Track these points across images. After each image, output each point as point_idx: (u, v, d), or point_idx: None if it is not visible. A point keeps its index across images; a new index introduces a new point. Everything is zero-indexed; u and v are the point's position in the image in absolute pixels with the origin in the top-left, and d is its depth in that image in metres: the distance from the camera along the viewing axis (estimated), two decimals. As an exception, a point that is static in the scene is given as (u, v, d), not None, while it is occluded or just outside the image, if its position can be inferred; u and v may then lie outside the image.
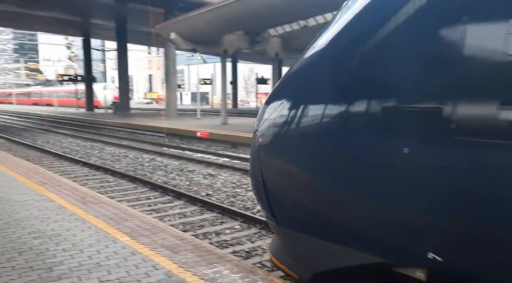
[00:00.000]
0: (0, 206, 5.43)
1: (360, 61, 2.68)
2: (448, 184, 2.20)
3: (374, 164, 2.54)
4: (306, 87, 3.06)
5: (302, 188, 3.05)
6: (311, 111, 2.94)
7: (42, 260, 3.66)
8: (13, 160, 9.56)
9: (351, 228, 2.78)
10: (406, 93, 2.37)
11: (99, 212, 5.22)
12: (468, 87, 2.14)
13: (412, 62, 2.37)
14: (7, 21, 35.93)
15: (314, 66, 3.07)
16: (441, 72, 2.24)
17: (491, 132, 2.01)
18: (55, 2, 25.86)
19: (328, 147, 2.83)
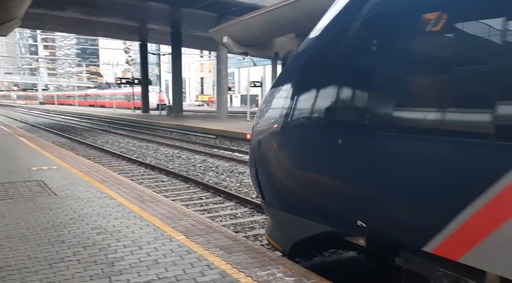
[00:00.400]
0: (66, 202, 5.79)
1: (310, 74, 3.68)
2: (369, 167, 2.99)
3: (322, 152, 3.44)
4: (280, 94, 4.02)
5: (279, 175, 3.95)
6: (281, 112, 3.90)
7: (105, 255, 3.86)
8: (76, 158, 10.15)
9: (314, 205, 3.64)
10: (339, 99, 3.27)
11: (155, 210, 5.43)
12: (378, 94, 2.99)
13: (342, 77, 3.29)
14: (72, 27, 38.27)
15: (284, 77, 4.11)
16: (359, 84, 3.14)
17: (396, 127, 2.80)
18: (116, 9, 27.21)
19: (292, 141, 3.77)
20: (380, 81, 2.99)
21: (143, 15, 30.37)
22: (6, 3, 13.71)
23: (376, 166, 2.94)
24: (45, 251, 3.94)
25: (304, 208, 3.77)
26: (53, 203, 5.70)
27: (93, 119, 36.21)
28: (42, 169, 8.39)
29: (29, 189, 6.58)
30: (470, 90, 2.42)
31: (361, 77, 3.13)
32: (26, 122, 32.60)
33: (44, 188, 6.63)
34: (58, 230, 4.57)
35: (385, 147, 2.87)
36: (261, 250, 4.07)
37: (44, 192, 6.35)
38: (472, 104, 2.40)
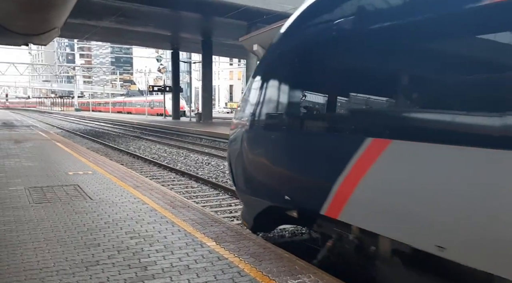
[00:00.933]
0: (101, 206, 5.95)
1: (262, 87, 4.84)
2: (285, 154, 4.33)
3: (263, 145, 4.73)
4: (247, 98, 5.21)
5: (244, 164, 5.10)
6: (244, 114, 5.13)
7: (138, 259, 3.94)
8: (110, 164, 10.43)
9: (262, 186, 4.85)
10: (274, 107, 4.55)
11: (186, 216, 5.50)
12: (286, 107, 4.35)
13: (270, 93, 4.64)
14: (107, 36, 39.50)
15: (249, 86, 5.23)
16: (276, 99, 4.52)
17: (299, 127, 4.16)
18: (149, 18, 27.94)
19: (247, 138, 4.99)
20: (286, 98, 4.40)
21: (175, 24, 31.04)
22: (48, 13, 14.34)
23: (288, 153, 4.37)
24: (82, 253, 4.07)
25: (258, 189, 5.03)
26: (88, 207, 5.88)
27: (126, 126, 37.13)
28: (78, 173, 8.67)
29: (66, 193, 6.81)
30: (330, 107, 3.86)
31: (278, 94, 4.55)
32: (62, 128, 33.79)
33: (80, 192, 6.84)
34: (93, 233, 4.70)
35: (292, 140, 4.28)
36: (292, 258, 4.05)
37: (80, 196, 6.55)
38: (332, 115, 3.81)
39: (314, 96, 4.07)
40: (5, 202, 6.10)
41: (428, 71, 2.89)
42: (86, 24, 30.00)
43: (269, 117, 4.67)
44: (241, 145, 5.15)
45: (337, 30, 3.76)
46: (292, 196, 4.29)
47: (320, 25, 4.15)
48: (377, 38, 3.28)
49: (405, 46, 3.06)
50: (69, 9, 15.21)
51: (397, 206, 3.09)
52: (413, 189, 2.92)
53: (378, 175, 3.19)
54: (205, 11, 25.78)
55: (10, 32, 16.74)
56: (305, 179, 4.09)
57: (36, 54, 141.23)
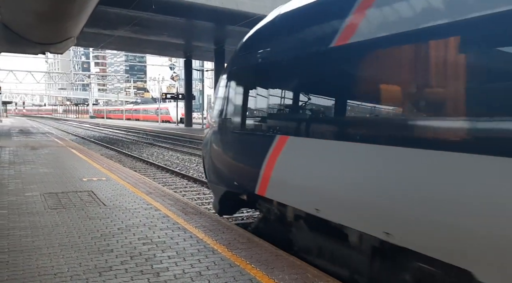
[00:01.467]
0: (115, 212, 6.01)
1: (218, 97, 6.37)
2: (235, 150, 5.69)
3: (222, 143, 6.06)
4: (212, 106, 6.73)
5: (211, 158, 6.44)
6: (210, 118, 6.71)
7: (151, 265, 3.97)
8: (123, 170, 10.54)
9: (222, 175, 6.14)
10: (226, 113, 5.93)
11: (198, 222, 5.52)
12: (230, 114, 5.80)
13: (221, 102, 6.12)
14: (122, 45, 40.09)
15: (215, 95, 6.71)
16: (225, 107, 5.94)
17: (243, 129, 5.47)
18: (163, 27, 28.28)
19: (212, 139, 6.39)
20: (232, 107, 5.84)
21: (189, 33, 31.34)
22: (65, 23, 14.64)
23: (233, 149, 5.82)
24: (95, 259, 4.11)
25: (218, 178, 6.34)
26: (102, 213, 5.94)
27: (139, 133, 37.47)
28: (92, 180, 8.78)
29: (80, 199, 6.89)
30: (255, 115, 5.41)
31: (227, 104, 6.01)
32: (77, 135, 34.26)
33: (94, 198, 6.92)
34: (107, 239, 4.75)
35: (235, 139, 5.75)
36: (304, 266, 4.03)
37: (94, 202, 6.63)
38: (256, 120, 5.33)
39: (246, 107, 5.54)
40: (21, 208, 6.20)
41: (302, 92, 4.53)
42: (102, 33, 30.49)
43: (222, 120, 6.12)
44: (209, 143, 6.59)
45: (260, 58, 5.37)
46: (238, 182, 5.74)
47: (252, 54, 5.56)
48: (277, 67, 4.94)
49: (291, 74, 4.69)
50: (85, 18, 15.51)
51: (295, 183, 4.52)
52: (303, 170, 4.36)
53: (283, 161, 4.64)
54: (218, 20, 26.01)
55: (28, 41, 17.12)
56: (244, 168, 5.57)
57: (52, 63, 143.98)
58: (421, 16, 3.15)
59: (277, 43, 5.16)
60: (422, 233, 3.08)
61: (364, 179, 3.54)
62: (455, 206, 2.83)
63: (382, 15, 3.52)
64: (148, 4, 21.11)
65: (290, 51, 4.73)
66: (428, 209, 2.99)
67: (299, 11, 4.84)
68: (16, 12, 14.37)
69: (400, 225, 3.25)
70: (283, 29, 5.10)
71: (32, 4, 12.56)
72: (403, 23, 3.29)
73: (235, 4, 23.32)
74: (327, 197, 4.02)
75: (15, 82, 69.06)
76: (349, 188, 3.72)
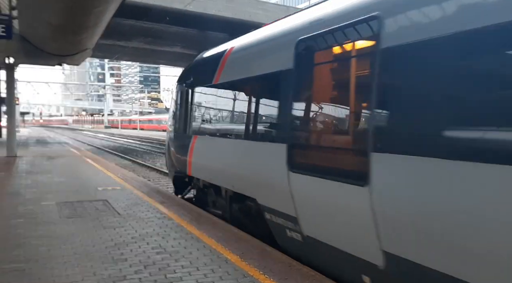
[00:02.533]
0: (129, 221, 6.05)
1: (172, 106, 9.35)
2: (175, 145, 8.71)
3: (170, 141, 9.21)
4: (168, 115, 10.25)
5: (167, 153, 9.58)
6: (168, 124, 9.88)
7: (164, 275, 3.97)
8: (137, 180, 10.62)
9: (173, 163, 8.89)
10: (171, 120, 9.32)
11: (212, 232, 5.52)
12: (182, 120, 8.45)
13: (176, 112, 8.96)
14: (136, 56, 40.63)
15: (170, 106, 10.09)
16: (178, 115, 8.73)
17: (178, 132, 8.66)
18: (177, 39, 28.65)
19: (168, 138, 9.57)
20: (172, 116, 9.11)
21: (202, 44, 31.62)
22: (81, 35, 14.95)
23: (174, 144, 8.80)
24: (109, 268, 4.13)
25: (171, 166, 9.05)
26: (116, 222, 5.99)
27: (153, 142, 37.77)
28: (107, 189, 8.87)
29: (95, 208, 6.96)
30: (182, 122, 8.38)
31: (173, 114, 9.04)
32: (92, 145, 34.68)
33: (109, 208, 6.98)
34: (121, 248, 4.78)
35: (174, 138, 8.75)
36: (318, 277, 4.00)
37: (109, 211, 6.69)
38: (182, 126, 8.30)
39: (181, 117, 8.40)
40: (38, 217, 6.29)
41: (203, 109, 7.46)
42: (116, 45, 30.99)
43: (170, 126, 9.31)
44: (166, 143, 9.68)
45: (185, 85, 8.36)
46: (179, 167, 8.39)
47: (182, 82, 8.63)
48: (193, 92, 7.91)
49: (198, 98, 7.73)
50: (100, 30, 15.81)
51: (200, 165, 7.33)
52: (202, 156, 7.18)
53: (195, 151, 7.43)
54: (231, 31, 26.25)
55: (45, 53, 17.50)
56: (181, 158, 8.18)
57: (69, 74, 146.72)
58: (242, 71, 6.03)
59: (195, 76, 8.02)
60: (243, 184, 5.81)
61: (224, 159, 6.35)
62: (251, 164, 5.53)
63: (228, 69, 6.55)
64: (161, 15, 21.45)
65: (199, 82, 7.72)
66: (240, 171, 5.85)
67: (203, 58, 8.10)
68: (34, 25, 14.73)
69: (235, 182, 6.04)
70: (197, 68, 8.22)
71: (49, 17, 12.86)
72: (237, 73, 6.20)
73: (248, 15, 23.52)
74: (214, 171, 6.82)
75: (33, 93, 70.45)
76: (220, 166, 6.52)
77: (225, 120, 6.67)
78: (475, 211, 2.61)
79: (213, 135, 6.88)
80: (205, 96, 7.41)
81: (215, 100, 6.93)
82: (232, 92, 6.34)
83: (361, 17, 3.68)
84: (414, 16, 3.21)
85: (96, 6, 11.80)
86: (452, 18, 2.88)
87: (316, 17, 4.54)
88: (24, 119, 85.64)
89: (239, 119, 6.14)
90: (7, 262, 4.28)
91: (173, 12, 21.25)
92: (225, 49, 6.94)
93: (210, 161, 6.91)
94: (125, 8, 17.86)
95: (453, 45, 2.82)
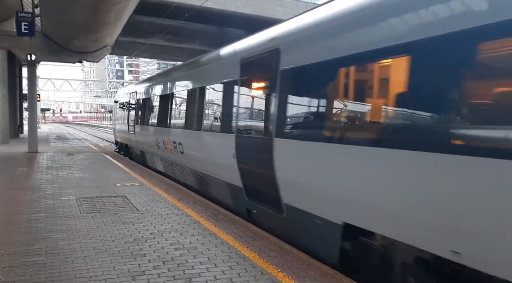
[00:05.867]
0: (147, 217, 6.09)
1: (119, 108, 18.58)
2: (116, 129, 20.27)
3: (116, 127, 20.15)
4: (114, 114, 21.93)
5: (114, 134, 21.41)
6: (115, 119, 20.99)
7: (183, 271, 3.98)
8: (155, 176, 10.70)
9: (116, 139, 20.37)
10: (113, 118, 22.19)
11: (229, 229, 5.51)
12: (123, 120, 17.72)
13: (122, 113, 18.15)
14: (155, 53, 40.95)
15: (114, 110, 21.96)
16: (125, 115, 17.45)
17: (119, 123, 18.92)
18: (195, 35, 28.78)
19: (115, 126, 21.30)
20: (116, 116, 20.32)
21: (220, 41, 31.67)
22: (101, 32, 15.13)
23: (116, 128, 20.34)
24: (128, 263, 4.16)
25: (116, 140, 20.22)
26: (135, 218, 6.03)
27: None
28: (125, 185, 8.95)
29: (114, 203, 7.03)
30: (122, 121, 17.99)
31: (114, 114, 21.19)
32: (111, 141, 35.15)
33: (128, 203, 7.05)
34: (140, 243, 4.81)
35: (118, 126, 19.28)
36: (337, 275, 3.94)
37: (127, 207, 6.75)
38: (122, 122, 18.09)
39: (119, 119, 18.16)
40: (58, 212, 6.39)
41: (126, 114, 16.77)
42: (135, 42, 31.28)
43: (115, 120, 20.20)
44: (113, 128, 20.78)
45: (117, 102, 18.73)
46: (117, 139, 19.53)
47: (121, 95, 18.74)
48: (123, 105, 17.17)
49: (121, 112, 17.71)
50: (120, 27, 15.97)
51: (121, 136, 18.23)
52: (122, 133, 17.62)
53: (117, 130, 19.37)
54: (249, 28, 26.21)
55: (66, 50, 17.78)
56: (115, 134, 19.70)
57: (88, 71, 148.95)
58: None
59: (126, 97, 16.89)
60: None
61: (124, 133, 16.59)
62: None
63: (145, 90, 13.88)
64: (180, 12, 21.53)
65: (123, 99, 17.40)
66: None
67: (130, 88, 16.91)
68: (57, 24, 14.96)
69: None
70: (128, 93, 16.88)
71: (73, 16, 13.05)
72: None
73: (266, 11, 23.43)
74: (132, 139, 15.13)
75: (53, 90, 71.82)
76: (125, 135, 16.42)
77: (137, 118, 14.64)
78: (315, 169, 4.61)
79: (130, 123, 15.42)
80: (127, 106, 16.37)
81: (131, 108, 15.69)
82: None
83: (269, 48, 5.71)
84: (295, 50, 5.12)
85: (116, 3, 11.91)
86: (311, 54, 4.74)
87: (249, 44, 6.58)
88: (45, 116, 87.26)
89: (141, 116, 14.04)
90: (29, 255, 4.35)
91: (192, 9, 21.32)
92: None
93: (120, 134, 17.87)
94: (144, 5, 18.02)
95: (312, 71, 4.70)
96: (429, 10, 3.26)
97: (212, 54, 8.86)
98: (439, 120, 3.08)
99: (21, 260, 4.22)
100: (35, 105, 18.38)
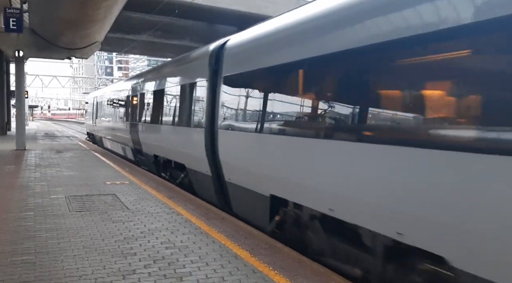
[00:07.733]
0: (137, 216, 6.06)
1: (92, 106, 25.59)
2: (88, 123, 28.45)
3: (88, 122, 28.45)
4: (86, 111, 30.91)
5: (86, 127, 30.99)
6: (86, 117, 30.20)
7: (174, 270, 3.97)
8: (146, 174, 10.64)
9: (88, 130, 28.20)
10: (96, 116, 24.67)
11: (221, 228, 5.51)
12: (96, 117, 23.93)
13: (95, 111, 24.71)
14: (144, 49, 40.69)
15: (86, 108, 31.08)
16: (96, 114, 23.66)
17: (94, 120, 24.42)
18: (185, 32, 28.64)
19: (86, 122, 32.09)
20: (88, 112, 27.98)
21: (210, 38, 31.55)
22: (90, 28, 14.98)
23: (87, 122, 28.26)
24: (119, 262, 4.13)
25: (88, 132, 28.15)
26: (125, 217, 5.99)
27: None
28: (115, 183, 8.89)
29: (104, 202, 6.98)
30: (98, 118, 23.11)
31: (88, 111, 28.17)
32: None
33: (117, 202, 7.00)
34: (130, 242, 4.78)
35: (87, 121, 28.51)
36: (328, 273, 3.96)
37: (117, 206, 6.70)
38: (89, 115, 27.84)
39: (88, 115, 27.61)
40: (47, 210, 6.32)
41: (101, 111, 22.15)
42: (125, 38, 31.02)
43: (86, 116, 29.13)
44: (85, 122, 30.22)
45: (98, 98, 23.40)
46: (87, 130, 27.79)
47: (89, 99, 27.65)
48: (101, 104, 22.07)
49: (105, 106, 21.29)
50: (109, 24, 15.81)
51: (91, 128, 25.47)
52: (102, 128, 21.08)
53: (96, 123, 23.03)
54: (241, 25, 26.15)
55: (55, 47, 17.55)
56: (86, 124, 28.77)
57: (76, 68, 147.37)
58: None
59: (91, 100, 26.08)
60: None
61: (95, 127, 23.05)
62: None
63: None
64: (171, 9, 21.39)
65: (92, 99, 25.56)
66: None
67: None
68: (45, 19, 14.76)
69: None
70: (92, 97, 25.87)
71: (60, 11, 12.88)
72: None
73: (257, 8, 23.39)
74: (94, 129, 23.22)
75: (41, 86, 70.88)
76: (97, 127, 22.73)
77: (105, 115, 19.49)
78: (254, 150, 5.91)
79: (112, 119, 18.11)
80: (100, 105, 21.19)
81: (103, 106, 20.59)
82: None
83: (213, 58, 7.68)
84: (231, 61, 6.73)
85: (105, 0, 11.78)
86: (241, 65, 6.30)
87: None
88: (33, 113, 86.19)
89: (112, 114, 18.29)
90: (18, 255, 4.30)
91: (182, 5, 21.20)
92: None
93: (88, 127, 26.57)
94: (134, 1, 17.85)
95: (242, 79, 6.24)
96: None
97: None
98: None
99: (9, 259, 4.17)
100: (23, 102, 18.12)
